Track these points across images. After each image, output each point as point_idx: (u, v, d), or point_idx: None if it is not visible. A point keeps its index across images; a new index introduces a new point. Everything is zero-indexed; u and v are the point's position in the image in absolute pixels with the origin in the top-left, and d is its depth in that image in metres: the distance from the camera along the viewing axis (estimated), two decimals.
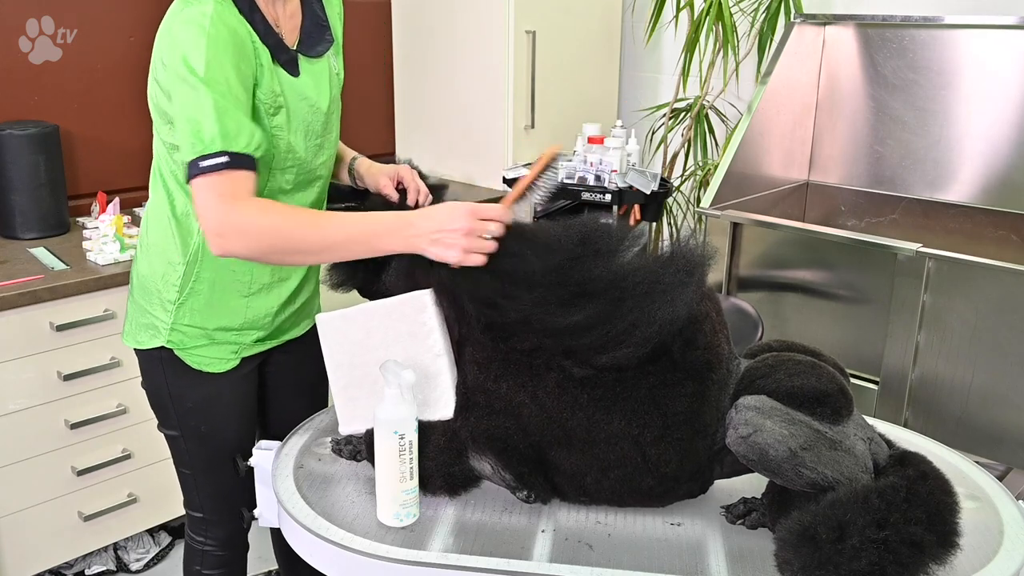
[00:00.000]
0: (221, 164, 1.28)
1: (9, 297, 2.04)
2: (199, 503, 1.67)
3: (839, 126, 2.94)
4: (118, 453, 2.32)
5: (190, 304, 1.51)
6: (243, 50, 1.35)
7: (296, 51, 1.46)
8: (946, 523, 1.15)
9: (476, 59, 3.04)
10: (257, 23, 1.39)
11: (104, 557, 2.49)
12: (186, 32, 1.32)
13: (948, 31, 2.66)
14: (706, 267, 1.28)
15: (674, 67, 3.27)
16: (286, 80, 1.44)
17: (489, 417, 1.31)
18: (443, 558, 1.20)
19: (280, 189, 1.49)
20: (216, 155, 1.28)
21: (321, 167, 1.55)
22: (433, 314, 1.33)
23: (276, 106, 1.42)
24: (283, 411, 1.74)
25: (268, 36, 1.41)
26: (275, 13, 1.44)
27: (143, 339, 1.56)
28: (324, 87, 1.51)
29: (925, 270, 2.16)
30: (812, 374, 1.24)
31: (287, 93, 1.44)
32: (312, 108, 1.48)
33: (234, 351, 1.57)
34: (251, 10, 1.39)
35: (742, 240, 2.51)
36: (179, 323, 1.52)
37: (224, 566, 1.71)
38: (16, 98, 2.50)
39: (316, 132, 1.50)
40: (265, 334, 1.59)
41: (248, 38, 1.37)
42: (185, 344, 1.53)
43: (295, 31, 1.48)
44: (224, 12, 1.34)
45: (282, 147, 1.45)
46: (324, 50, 1.51)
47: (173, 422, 1.59)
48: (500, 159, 3.06)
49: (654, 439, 1.25)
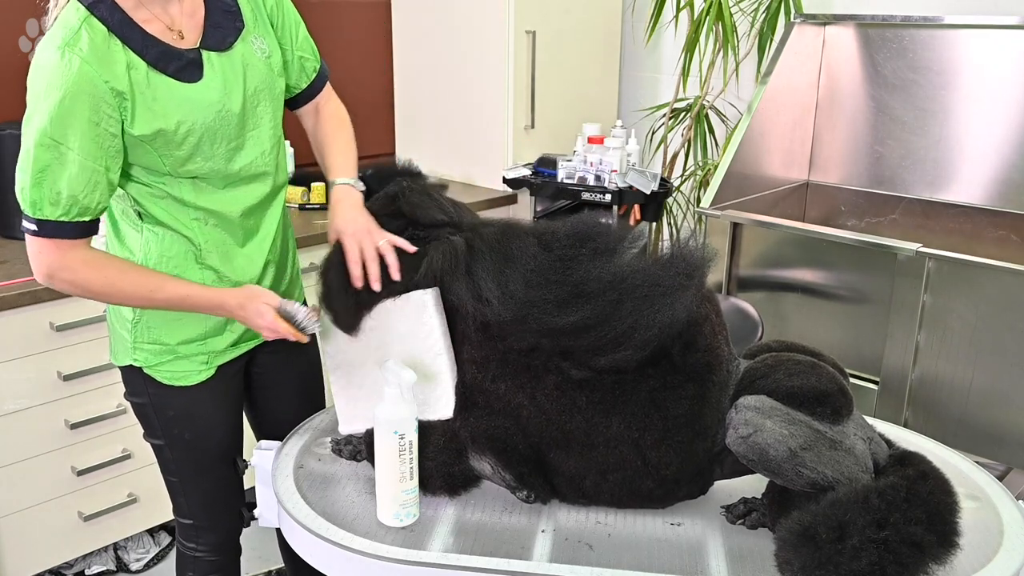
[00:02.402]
0: (33, 231, 1.31)
1: (9, 297, 2.04)
2: (188, 510, 1.64)
3: (839, 126, 2.94)
4: (118, 453, 2.32)
5: (145, 321, 1.47)
6: (95, 97, 1.27)
7: (199, 48, 1.38)
8: (946, 523, 1.15)
9: (476, 59, 3.04)
10: (132, 39, 1.31)
11: (104, 557, 2.49)
12: (39, 81, 1.29)
13: (948, 31, 2.66)
14: (706, 269, 1.28)
15: (674, 67, 3.27)
16: (178, 91, 1.35)
17: (489, 417, 1.31)
18: (443, 558, 1.20)
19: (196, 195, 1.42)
20: (30, 220, 1.31)
21: (249, 168, 1.46)
22: (434, 314, 1.33)
23: (151, 134, 1.33)
24: (275, 410, 1.71)
25: (147, 49, 1.32)
26: (167, 17, 1.35)
27: (119, 356, 1.54)
28: (237, 83, 1.41)
29: (925, 270, 2.16)
30: (812, 374, 1.24)
31: (179, 107, 1.34)
32: (219, 112, 1.38)
33: (204, 361, 1.52)
34: (123, 26, 1.30)
35: (742, 240, 2.51)
36: (140, 341, 1.49)
37: (217, 571, 1.69)
38: (16, 98, 2.49)
39: (226, 135, 1.41)
40: (236, 337, 1.54)
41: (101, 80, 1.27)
42: (150, 362, 1.50)
43: (197, 28, 1.39)
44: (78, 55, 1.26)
45: (170, 163, 1.37)
46: (232, 40, 1.41)
47: (157, 432, 1.56)
48: (500, 159, 3.06)
49: (654, 442, 1.25)
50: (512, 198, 3.07)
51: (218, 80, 1.39)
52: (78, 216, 1.31)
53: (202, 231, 1.44)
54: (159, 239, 1.43)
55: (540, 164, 2.92)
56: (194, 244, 1.44)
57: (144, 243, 1.44)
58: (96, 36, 1.29)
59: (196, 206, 1.43)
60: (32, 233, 1.32)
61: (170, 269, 1.44)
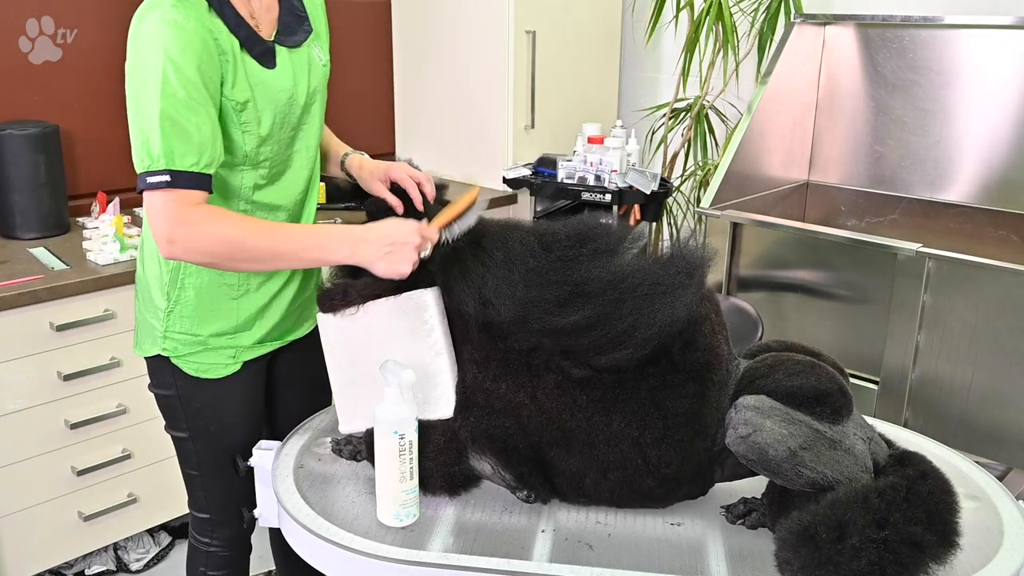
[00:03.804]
0: (164, 183, 1.31)
1: (9, 297, 2.04)
2: (206, 504, 1.66)
3: (839, 126, 2.94)
4: (118, 453, 2.32)
5: (179, 311, 1.51)
6: (207, 51, 1.34)
7: (274, 42, 1.47)
8: (946, 523, 1.15)
9: (476, 59, 3.04)
10: (228, 17, 1.39)
11: (104, 557, 2.49)
12: (148, 41, 1.31)
13: (948, 31, 2.66)
14: (706, 268, 1.29)
15: (674, 67, 3.27)
16: (257, 73, 1.43)
17: (489, 417, 1.31)
18: (443, 558, 1.20)
19: (255, 185, 1.49)
20: (161, 172, 1.31)
21: (295, 157, 1.54)
22: (434, 313, 1.33)
23: (243, 101, 1.41)
24: (289, 410, 1.73)
25: (239, 28, 1.41)
26: (250, 7, 1.44)
27: (146, 347, 1.56)
28: (303, 77, 1.51)
29: (925, 270, 2.16)
30: (811, 374, 1.24)
31: (258, 87, 1.43)
32: (289, 99, 1.48)
33: (232, 355, 1.56)
34: (220, 4, 1.38)
35: (742, 240, 2.51)
36: (171, 331, 1.52)
37: (229, 567, 1.71)
38: (16, 98, 2.50)
39: (291, 123, 1.50)
40: (263, 334, 1.59)
41: (211, 37, 1.35)
42: (179, 352, 1.52)
43: (273, 23, 1.48)
44: (188, 13, 1.32)
45: (251, 143, 1.44)
46: (302, 40, 1.52)
47: (182, 424, 1.58)
48: (500, 159, 3.06)
49: (654, 440, 1.25)
50: (512, 198, 3.07)
51: (289, 71, 1.48)
52: (206, 168, 1.34)
53: None
54: None
55: (540, 164, 2.92)
56: None
57: None
58: (200, 5, 1.36)
59: (249, 199, 1.49)
60: (164, 185, 1.31)
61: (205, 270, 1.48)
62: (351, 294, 1.37)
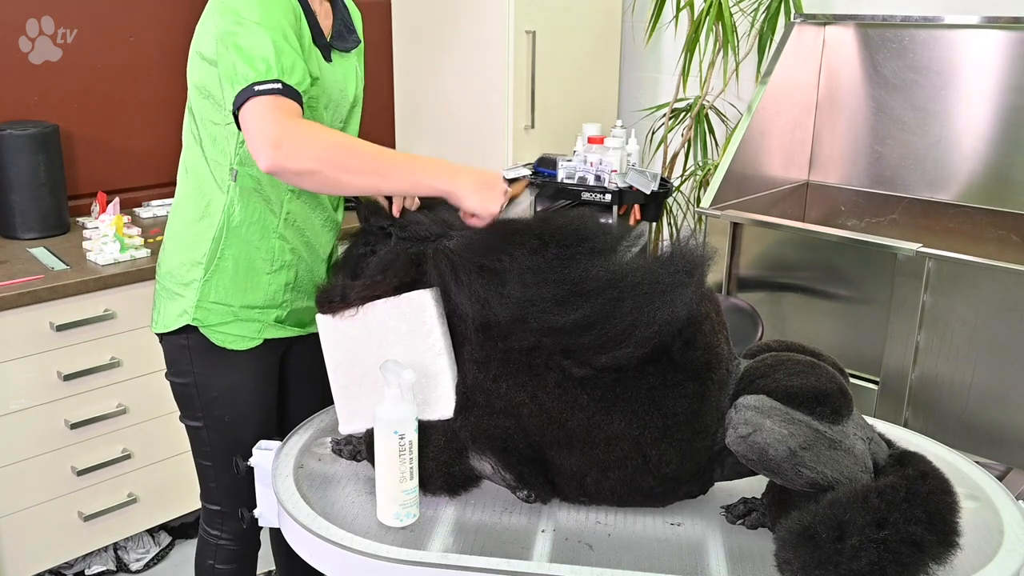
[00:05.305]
0: (276, 90, 1.32)
1: (9, 297, 2.04)
2: (218, 496, 1.68)
3: (839, 126, 2.94)
4: (118, 453, 2.32)
5: (216, 281, 1.55)
6: (296, 14, 1.43)
7: (330, 42, 1.56)
8: (946, 523, 1.15)
9: (476, 59, 3.04)
10: (304, 4, 1.48)
11: (104, 557, 2.49)
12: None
13: (948, 31, 2.66)
14: (706, 267, 1.29)
15: (674, 67, 3.27)
16: (319, 60, 1.51)
17: (489, 417, 1.31)
18: (443, 558, 1.20)
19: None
20: (272, 82, 1.32)
21: None
22: (434, 313, 1.33)
23: (314, 77, 1.46)
24: (299, 406, 1.76)
25: (309, 18, 1.49)
26: (316, 6, 1.52)
27: (170, 321, 1.58)
28: (351, 80, 1.62)
29: (925, 270, 2.16)
30: (811, 374, 1.24)
31: (322, 73, 1.51)
32: (342, 93, 1.58)
33: (257, 330, 1.60)
34: None
35: (742, 240, 2.51)
36: (205, 300, 1.56)
37: (237, 560, 1.73)
38: (16, 98, 2.50)
39: (340, 118, 1.60)
40: (284, 313, 1.62)
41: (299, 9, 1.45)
42: (210, 320, 1.56)
43: (328, 29, 1.58)
44: None
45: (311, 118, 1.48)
46: (352, 47, 1.61)
47: (198, 412, 1.61)
48: (500, 159, 3.06)
49: (654, 439, 1.25)
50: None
51: (340, 71, 1.59)
52: (305, 90, 1.38)
53: (291, 202, 1.55)
54: (244, 203, 1.52)
55: (540, 164, 2.91)
56: (275, 214, 1.55)
57: (228, 204, 1.53)
58: None
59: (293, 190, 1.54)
60: (275, 92, 1.31)
61: (248, 234, 1.54)
62: (350, 295, 1.37)
